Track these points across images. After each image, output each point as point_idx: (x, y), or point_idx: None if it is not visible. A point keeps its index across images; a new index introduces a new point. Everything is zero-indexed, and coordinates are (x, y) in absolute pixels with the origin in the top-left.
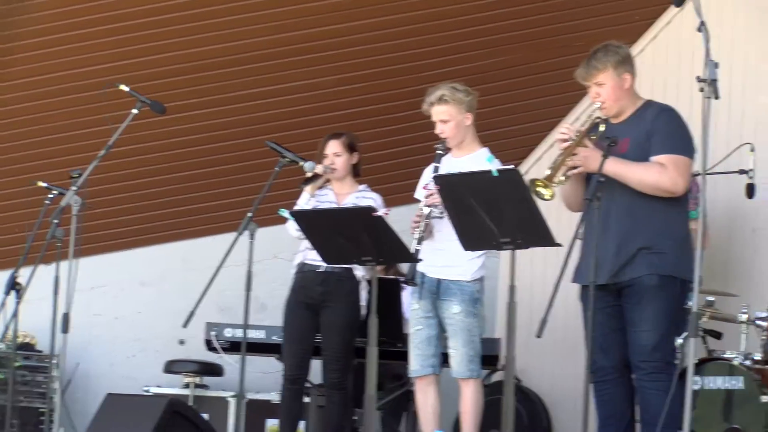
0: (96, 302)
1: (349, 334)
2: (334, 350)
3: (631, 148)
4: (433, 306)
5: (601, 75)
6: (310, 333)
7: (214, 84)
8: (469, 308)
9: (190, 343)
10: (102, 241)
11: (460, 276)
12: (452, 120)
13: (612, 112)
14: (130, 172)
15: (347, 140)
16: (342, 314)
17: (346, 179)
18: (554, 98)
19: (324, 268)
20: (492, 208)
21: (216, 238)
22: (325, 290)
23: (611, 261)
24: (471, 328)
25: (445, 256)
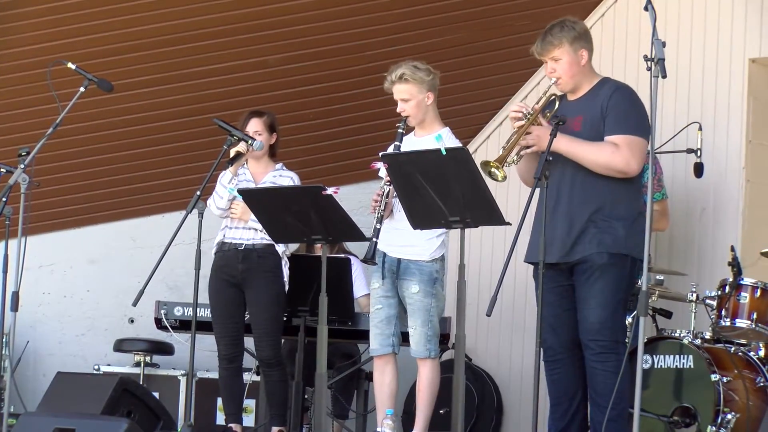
0: (45, 281)
1: (277, 309)
2: (264, 327)
3: (585, 126)
4: (394, 285)
5: (556, 50)
6: (238, 310)
7: (161, 62)
8: (427, 288)
9: (140, 322)
10: (50, 219)
11: (419, 256)
12: (413, 99)
13: (567, 88)
14: (78, 150)
15: (268, 120)
16: (267, 290)
17: (263, 159)
18: (502, 77)
19: (244, 245)
20: (441, 187)
21: (165, 216)
22: (246, 267)
23: (562, 239)
24: (429, 308)
25: (405, 235)
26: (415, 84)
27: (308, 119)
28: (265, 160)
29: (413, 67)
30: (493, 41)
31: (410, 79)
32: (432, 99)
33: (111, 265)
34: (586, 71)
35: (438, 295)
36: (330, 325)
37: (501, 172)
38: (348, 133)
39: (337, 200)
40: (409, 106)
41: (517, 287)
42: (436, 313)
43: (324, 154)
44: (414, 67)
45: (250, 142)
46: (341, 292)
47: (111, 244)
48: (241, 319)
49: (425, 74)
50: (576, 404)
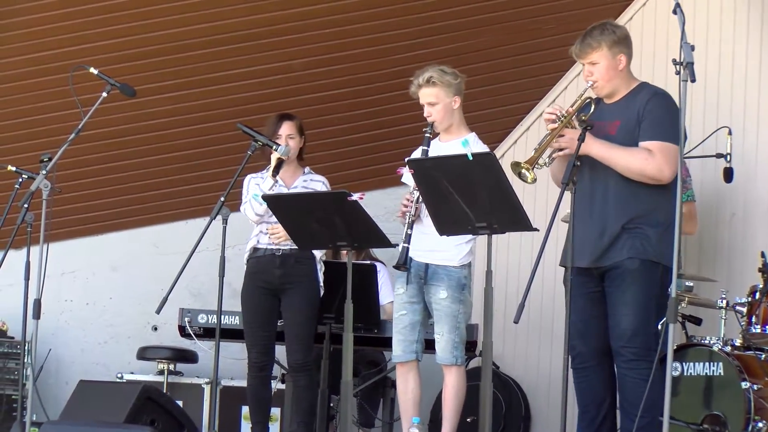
0: (67, 288)
1: (312, 313)
2: (296, 330)
3: (620, 131)
4: (420, 291)
5: (594, 53)
6: (272, 318)
7: (184, 66)
8: (455, 294)
9: (163, 329)
10: (72, 225)
11: (448, 261)
12: (440, 103)
13: (604, 92)
14: (101, 156)
15: (299, 123)
16: (303, 295)
17: (292, 163)
18: (529, 81)
19: (281, 250)
20: (467, 193)
21: (188, 222)
22: (284, 273)
23: (594, 244)
24: (457, 314)
25: (433, 240)
26: (443, 87)
27: (333, 124)
28: (294, 164)
29: (440, 71)
30: (520, 45)
31: (438, 83)
32: (458, 103)
33: (134, 272)
34: (624, 76)
35: (465, 302)
36: (355, 333)
37: (531, 174)
38: (373, 138)
39: (362, 206)
40: (436, 110)
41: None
42: (463, 319)
43: (349, 159)
44: (441, 71)
45: (275, 147)
46: (367, 298)
47: (134, 251)
48: (274, 328)
49: (452, 78)
50: (604, 412)
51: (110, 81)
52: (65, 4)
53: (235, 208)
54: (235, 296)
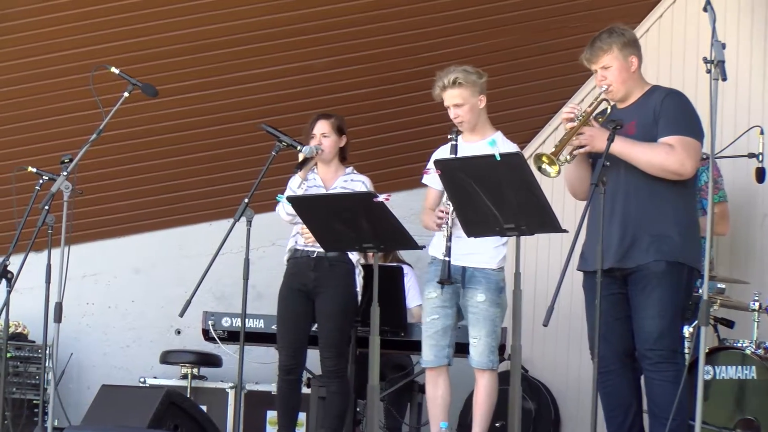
0: (88, 291)
1: (344, 320)
2: (329, 336)
3: (638, 130)
4: (454, 295)
5: (606, 56)
6: (304, 321)
7: (207, 66)
8: (494, 297)
9: (187, 333)
10: (94, 227)
11: (487, 264)
12: (467, 103)
13: (619, 95)
14: (123, 157)
15: (336, 122)
16: (336, 300)
17: (333, 162)
18: (558, 80)
19: (317, 253)
20: (495, 194)
21: (212, 224)
22: (318, 276)
23: (616, 246)
24: (494, 318)
25: (470, 243)
26: (468, 87)
27: (358, 124)
28: (334, 164)
29: (464, 71)
30: (548, 43)
31: (464, 83)
32: (483, 102)
33: (157, 275)
34: (637, 78)
35: (502, 305)
36: (382, 336)
37: (554, 168)
38: (398, 138)
39: (388, 207)
40: (464, 110)
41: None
42: (500, 323)
43: (374, 160)
44: (465, 71)
45: (298, 147)
46: (394, 301)
47: (157, 253)
48: (306, 331)
49: (477, 77)
50: (632, 416)
51: (132, 81)
52: (85, 3)
53: (260, 210)
54: (259, 299)
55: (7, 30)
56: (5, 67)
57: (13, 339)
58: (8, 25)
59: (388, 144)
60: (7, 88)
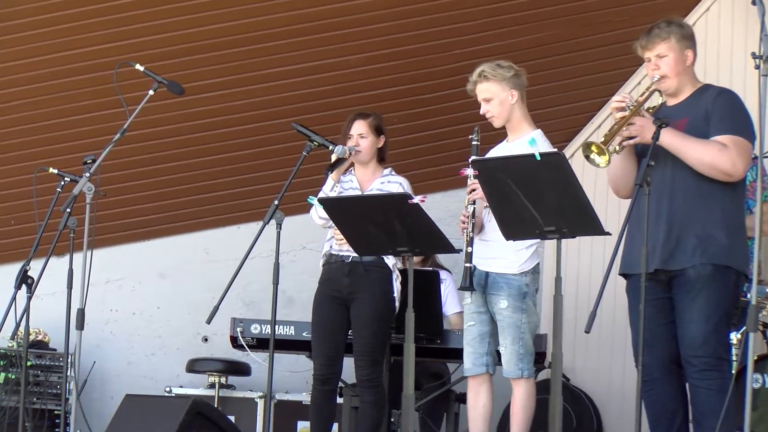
0: (112, 297)
1: (380, 328)
2: (363, 344)
3: (689, 128)
4: (484, 300)
5: (663, 45)
6: (340, 329)
7: (236, 62)
8: (517, 303)
9: (214, 341)
10: (118, 231)
11: (507, 269)
12: (495, 97)
13: (671, 87)
14: (148, 157)
15: (374, 121)
16: (371, 306)
17: (371, 163)
18: (600, 76)
19: (351, 257)
20: (534, 195)
21: (240, 227)
22: (352, 281)
23: (661, 247)
24: (520, 324)
25: (492, 247)
26: (496, 81)
27: (393, 123)
28: (372, 165)
29: (494, 65)
30: (590, 38)
31: (490, 77)
32: (517, 97)
33: (183, 280)
34: (690, 73)
35: (529, 310)
36: (417, 344)
37: (603, 159)
38: (434, 137)
39: (423, 209)
40: (492, 105)
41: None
42: (528, 329)
43: (409, 160)
44: (495, 65)
45: (331, 147)
46: (429, 307)
47: (183, 258)
48: (341, 340)
49: (506, 71)
50: (677, 426)
51: (157, 78)
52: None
53: (290, 212)
54: (289, 305)
55: (27, 26)
56: (26, 64)
57: (33, 347)
58: (28, 21)
59: (424, 143)
60: (27, 86)
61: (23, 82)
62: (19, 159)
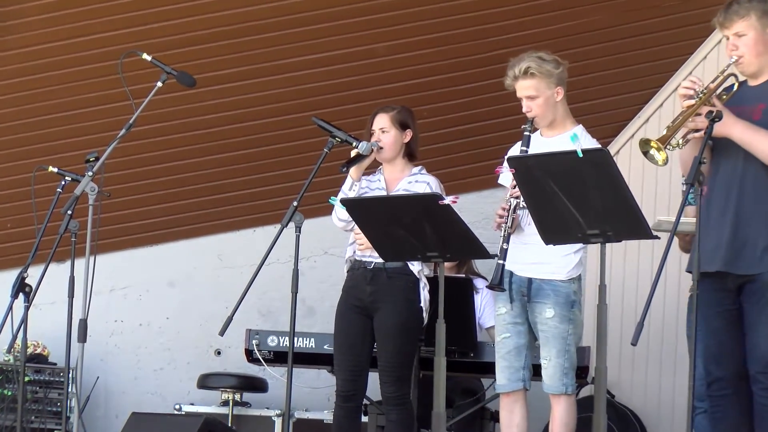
0: (117, 306)
1: (405, 340)
2: (388, 359)
3: (765, 115)
4: (524, 310)
5: (742, 23)
6: (363, 341)
7: (252, 51)
8: (564, 312)
9: (228, 354)
10: (123, 235)
11: (554, 274)
12: (540, 96)
13: (750, 69)
14: (156, 155)
15: (398, 115)
16: (394, 317)
17: (397, 161)
18: (648, 66)
19: (374, 263)
20: (577, 195)
21: (256, 230)
22: (375, 289)
23: (725, 246)
24: (566, 336)
25: (536, 251)
26: (542, 78)
27: (422, 117)
28: (399, 162)
29: (538, 59)
30: (637, 25)
31: (536, 73)
32: (561, 94)
33: (194, 288)
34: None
35: (576, 321)
36: (449, 357)
37: (662, 155)
38: (468, 132)
39: (456, 211)
40: (537, 104)
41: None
42: (573, 341)
43: (441, 157)
44: (539, 59)
45: (354, 144)
46: (462, 317)
47: (194, 264)
48: (366, 353)
49: (553, 66)
50: None
51: (166, 69)
52: None
53: (310, 214)
54: (310, 315)
55: (25, 12)
56: (23, 54)
57: (31, 361)
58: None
59: (457, 139)
60: (25, 78)
61: (20, 73)
62: (16, 157)
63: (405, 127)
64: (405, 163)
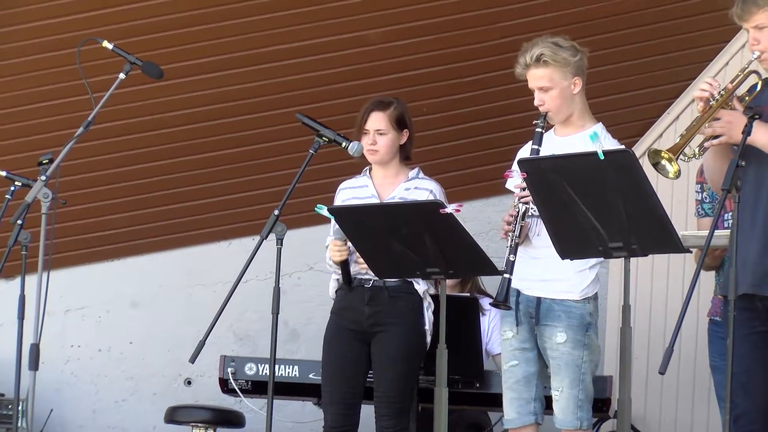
0: (73, 329)
1: (408, 368)
2: (388, 389)
3: None
4: (532, 333)
5: (762, 14)
6: (358, 370)
7: (227, 39)
8: (578, 336)
9: (199, 383)
10: (81, 248)
11: (567, 293)
12: (555, 87)
13: None
14: (118, 157)
15: (395, 112)
16: (396, 341)
17: (392, 164)
18: (681, 55)
19: (373, 281)
20: (598, 203)
21: (232, 243)
22: (374, 311)
23: (753, 265)
24: (580, 363)
25: (545, 266)
26: (558, 67)
27: (421, 114)
28: (394, 165)
29: (553, 45)
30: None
31: (551, 61)
32: (579, 86)
33: (161, 309)
34: None
35: (591, 346)
36: (451, 387)
37: (674, 167)
38: (474, 131)
39: (459, 221)
40: (550, 96)
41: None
42: (589, 369)
43: (442, 159)
44: (555, 45)
45: (344, 144)
46: (466, 342)
47: (161, 281)
48: (362, 383)
49: (570, 53)
50: None
51: (130, 58)
52: None
53: (294, 224)
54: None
55: None
56: None
57: None
58: None
59: (460, 139)
60: None
61: None
62: None
63: (402, 126)
64: (400, 166)
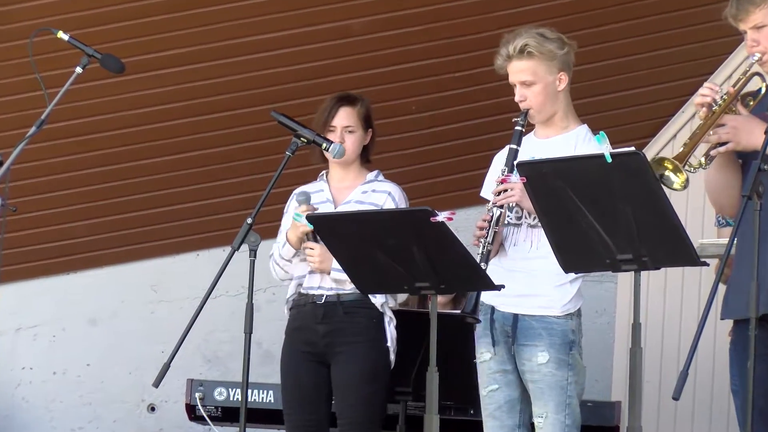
0: (25, 350)
1: (373, 390)
2: (353, 416)
3: None
4: (511, 354)
5: (758, 13)
6: (318, 394)
7: (194, 29)
8: (561, 356)
9: (164, 409)
10: (34, 260)
11: (546, 309)
12: (539, 82)
13: None
14: (74, 160)
15: (363, 110)
16: (356, 362)
17: (352, 166)
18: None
19: (325, 296)
20: (605, 211)
21: (200, 255)
22: (329, 330)
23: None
24: (565, 385)
25: (522, 280)
26: (542, 60)
27: (409, 112)
28: (354, 168)
29: (539, 36)
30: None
31: (536, 53)
32: (565, 82)
33: (122, 327)
34: None
35: (576, 366)
36: (443, 415)
37: (680, 177)
38: (466, 131)
39: (451, 230)
40: (533, 92)
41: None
42: (575, 392)
43: (432, 162)
44: (540, 36)
45: (325, 145)
46: (459, 365)
47: (122, 297)
48: (324, 409)
49: (557, 46)
50: None
51: (88, 51)
52: None
53: (268, 234)
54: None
55: None
56: None
57: None
58: None
59: (452, 140)
60: None
61: None
62: None
63: (368, 126)
64: (360, 169)
